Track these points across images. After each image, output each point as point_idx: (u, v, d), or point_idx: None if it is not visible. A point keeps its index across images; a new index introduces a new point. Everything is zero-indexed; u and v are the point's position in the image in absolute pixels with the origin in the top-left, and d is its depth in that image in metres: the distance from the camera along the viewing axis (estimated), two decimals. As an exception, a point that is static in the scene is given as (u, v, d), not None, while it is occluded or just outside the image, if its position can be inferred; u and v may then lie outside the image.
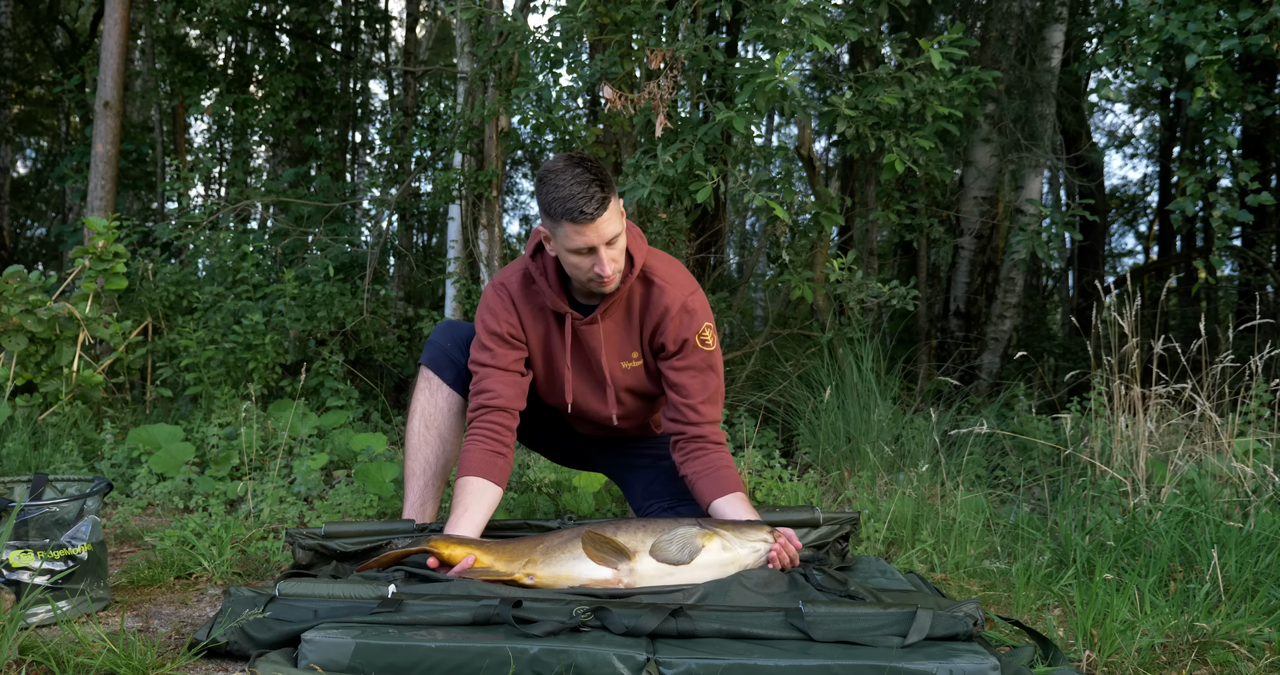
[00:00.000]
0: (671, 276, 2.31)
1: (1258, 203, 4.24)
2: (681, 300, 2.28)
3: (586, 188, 2.06)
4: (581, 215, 2.06)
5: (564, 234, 2.11)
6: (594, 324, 2.30)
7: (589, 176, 2.07)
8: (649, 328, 2.31)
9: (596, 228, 2.08)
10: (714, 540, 2.04)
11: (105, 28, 5.77)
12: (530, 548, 2.05)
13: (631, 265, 2.25)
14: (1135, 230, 17.38)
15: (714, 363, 2.33)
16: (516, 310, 2.33)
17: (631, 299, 2.30)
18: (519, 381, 2.36)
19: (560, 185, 2.07)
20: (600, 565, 2.00)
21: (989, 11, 6.65)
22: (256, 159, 12.07)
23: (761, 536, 2.08)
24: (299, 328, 5.02)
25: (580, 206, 2.05)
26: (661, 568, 2.01)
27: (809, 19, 3.52)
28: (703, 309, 2.31)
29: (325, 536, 2.25)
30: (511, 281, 2.35)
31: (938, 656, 1.63)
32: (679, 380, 2.31)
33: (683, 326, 2.28)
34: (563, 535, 2.06)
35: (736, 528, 2.09)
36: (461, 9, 4.59)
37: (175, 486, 3.27)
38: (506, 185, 16.23)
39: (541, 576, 2.00)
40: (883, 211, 4.82)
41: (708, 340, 2.31)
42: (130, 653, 1.70)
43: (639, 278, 2.30)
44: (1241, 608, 2.12)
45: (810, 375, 4.29)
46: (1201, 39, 3.90)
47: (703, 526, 2.07)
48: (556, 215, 2.08)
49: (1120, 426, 3.03)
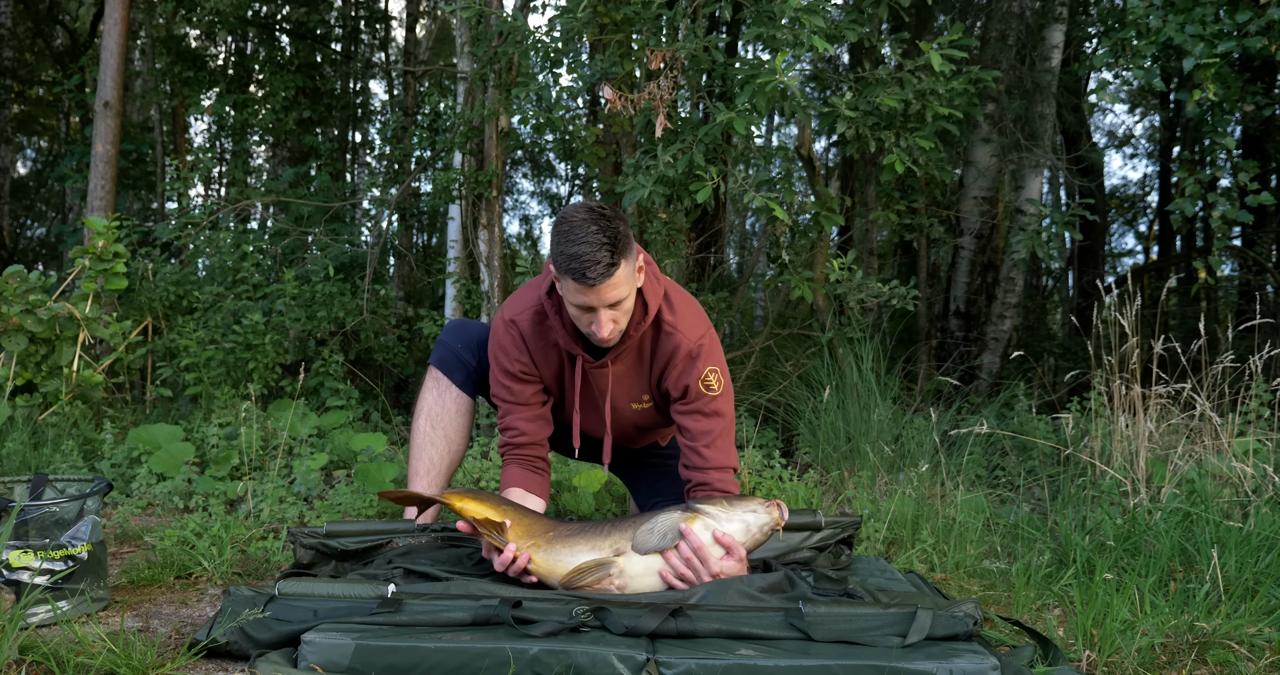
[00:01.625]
0: (681, 322, 2.27)
1: (1257, 203, 4.24)
2: (687, 347, 2.25)
3: (596, 251, 1.99)
4: (583, 278, 2.01)
5: (566, 288, 2.08)
6: (604, 368, 2.28)
7: (602, 239, 2.00)
8: (657, 371, 2.30)
9: (598, 292, 2.04)
10: (697, 521, 1.99)
11: (105, 28, 5.77)
12: (544, 530, 2.04)
13: (645, 313, 2.22)
14: (1135, 230, 17.38)
15: (719, 407, 2.28)
16: (527, 348, 2.31)
17: (643, 343, 2.29)
18: (541, 413, 2.39)
19: (572, 240, 2.01)
20: (594, 583, 1.98)
21: (989, 11, 6.65)
22: (256, 159, 12.07)
23: (750, 507, 2.01)
24: (299, 328, 5.02)
25: (584, 270, 2.00)
26: (649, 560, 1.97)
27: (809, 19, 3.52)
28: (708, 353, 2.27)
29: (327, 535, 2.25)
30: (523, 319, 2.31)
31: (938, 656, 1.63)
32: (684, 424, 2.30)
33: (684, 372, 2.26)
34: (570, 528, 2.04)
35: (724, 503, 2.02)
36: (461, 8, 4.59)
37: (175, 486, 3.27)
38: (506, 185, 16.23)
39: (539, 562, 1.99)
40: (883, 211, 4.82)
41: (712, 385, 2.27)
42: (130, 653, 1.70)
43: (652, 324, 2.27)
44: (1241, 608, 2.12)
45: (810, 375, 4.29)
46: (1199, 41, 3.90)
47: (687, 509, 2.02)
48: (561, 269, 2.04)
49: (1120, 426, 3.03)
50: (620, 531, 2.01)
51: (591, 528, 2.04)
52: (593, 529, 2.03)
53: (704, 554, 1.97)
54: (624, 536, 2.00)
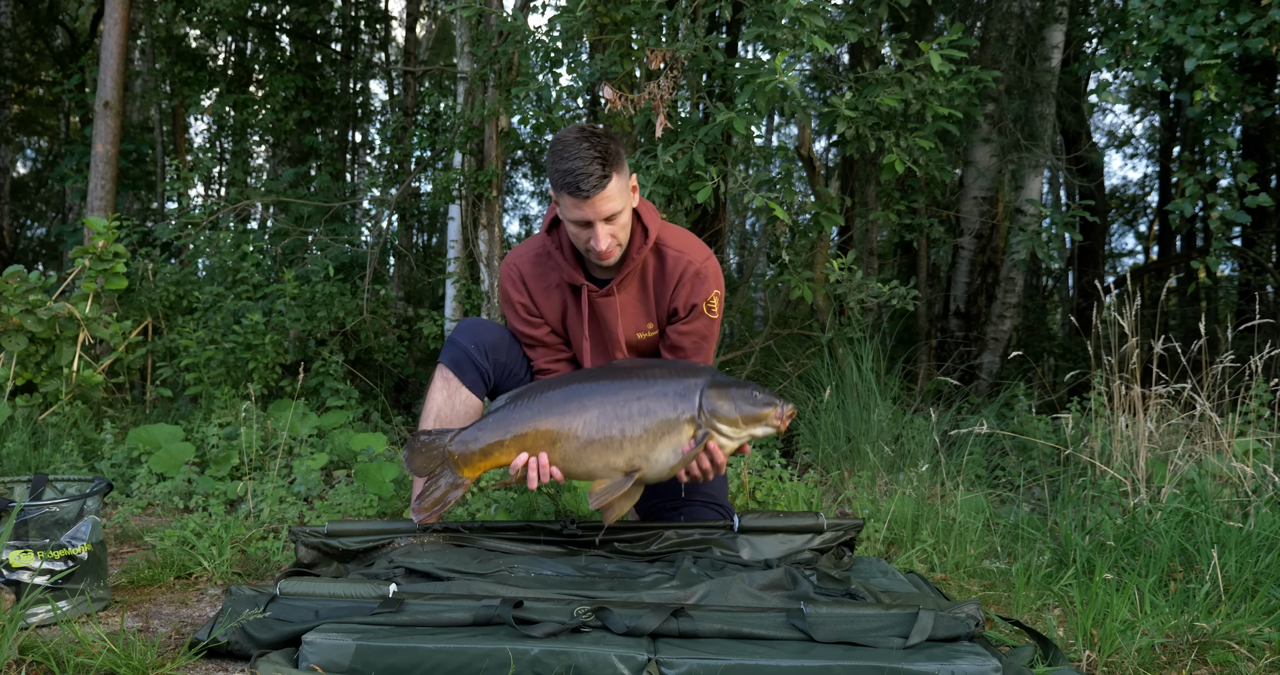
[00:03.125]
0: (684, 245, 2.36)
1: (1255, 204, 4.26)
2: (696, 267, 2.33)
3: (588, 164, 2.10)
4: (578, 191, 2.11)
5: (564, 205, 2.18)
6: (610, 296, 2.35)
7: (594, 153, 2.11)
8: (665, 296, 2.37)
9: (593, 204, 2.14)
10: (711, 442, 2.04)
11: (105, 28, 5.77)
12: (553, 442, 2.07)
13: (646, 238, 2.30)
14: (1135, 230, 17.38)
15: (714, 331, 2.41)
16: (528, 289, 2.40)
17: (646, 270, 2.36)
18: (568, 356, 2.47)
19: (565, 157, 2.12)
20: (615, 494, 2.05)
21: (989, 11, 6.65)
22: (256, 159, 12.08)
23: (761, 426, 2.05)
24: (299, 328, 5.02)
25: (578, 183, 2.10)
26: (664, 466, 2.04)
27: (809, 19, 3.52)
28: (714, 276, 2.36)
29: (328, 535, 2.25)
30: (523, 260, 2.41)
31: (939, 658, 1.63)
32: (679, 343, 2.39)
33: (694, 291, 2.34)
34: (582, 441, 2.06)
35: (738, 421, 2.04)
36: (462, 8, 4.59)
37: (175, 486, 3.27)
38: (506, 185, 16.23)
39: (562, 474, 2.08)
40: (883, 211, 4.82)
41: (714, 307, 2.37)
42: (130, 653, 1.70)
43: (653, 250, 2.35)
44: (1241, 608, 2.12)
45: (810, 375, 4.29)
46: (1200, 42, 3.90)
47: (701, 425, 2.03)
48: (557, 186, 2.15)
49: (1120, 426, 3.03)
50: (634, 446, 2.03)
51: (604, 442, 2.05)
52: (605, 443, 2.05)
53: (718, 461, 2.08)
54: (638, 454, 2.03)
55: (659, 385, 2.05)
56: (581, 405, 2.06)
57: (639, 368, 2.14)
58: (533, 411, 2.09)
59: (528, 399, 2.11)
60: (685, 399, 2.03)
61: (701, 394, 2.03)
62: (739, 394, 2.04)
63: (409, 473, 2.36)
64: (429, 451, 2.15)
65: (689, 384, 2.05)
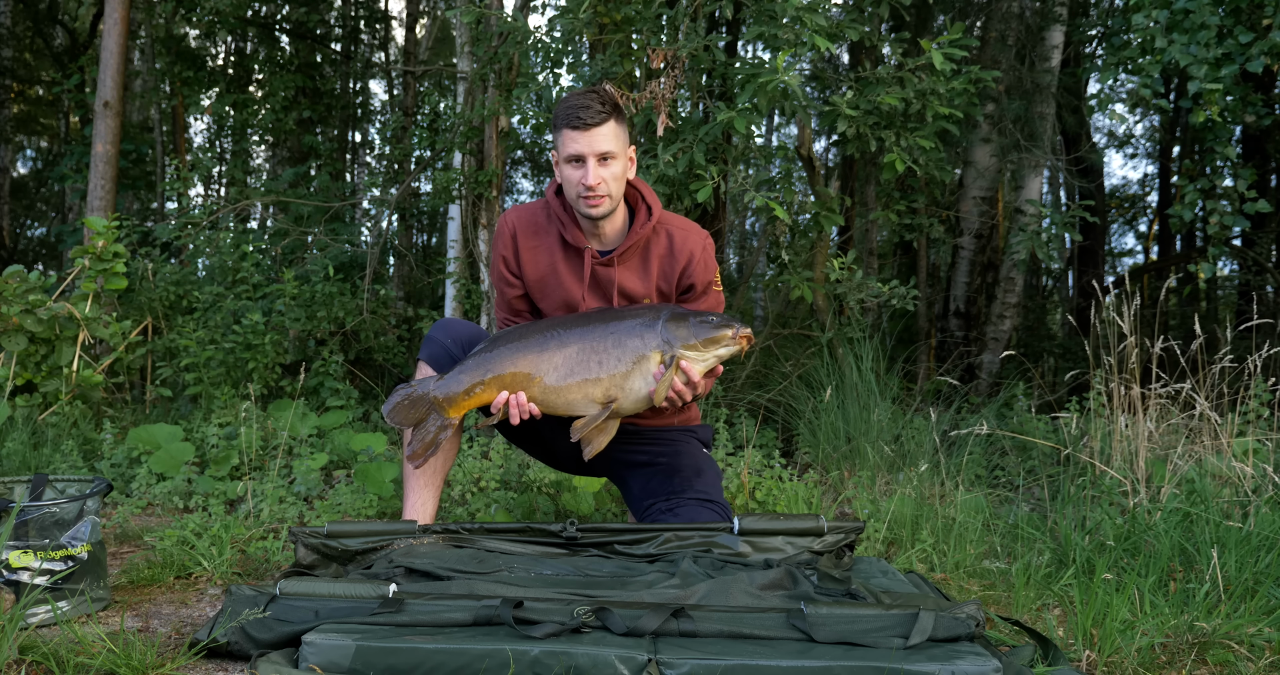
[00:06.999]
0: (688, 225, 2.47)
1: (1254, 210, 4.30)
2: (704, 245, 2.44)
3: (590, 102, 2.24)
4: (578, 121, 2.22)
5: (561, 141, 2.28)
6: (610, 267, 2.40)
7: (598, 97, 2.26)
8: (675, 272, 2.43)
9: (590, 137, 2.24)
10: (677, 366, 2.17)
11: (105, 28, 5.76)
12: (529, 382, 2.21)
13: (650, 216, 2.39)
14: (1135, 230, 17.38)
15: (721, 304, 2.55)
16: (515, 244, 2.46)
17: (650, 247, 2.42)
18: (528, 319, 2.54)
19: (570, 99, 2.27)
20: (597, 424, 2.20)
21: (989, 11, 6.65)
22: (256, 159, 12.07)
23: (723, 346, 2.18)
24: (299, 328, 5.02)
25: (578, 113, 2.22)
26: (640, 396, 2.19)
27: (810, 18, 3.52)
28: (714, 256, 2.52)
29: (328, 535, 2.25)
30: (521, 216, 2.47)
31: (940, 658, 1.63)
32: None
33: (708, 269, 2.46)
34: (560, 379, 2.20)
35: (699, 345, 2.18)
36: (462, 12, 4.59)
37: (175, 486, 3.27)
38: (506, 185, 16.21)
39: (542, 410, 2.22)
40: (883, 211, 4.81)
41: (719, 282, 2.50)
42: (130, 653, 1.70)
43: (659, 229, 2.43)
44: (1241, 608, 2.12)
45: (810, 375, 4.29)
46: (1203, 65, 3.92)
47: (666, 350, 2.18)
48: (559, 123, 2.26)
49: (1120, 426, 3.03)
50: (610, 377, 2.20)
51: (582, 374, 2.20)
52: (583, 376, 2.20)
53: (692, 379, 2.20)
54: (614, 384, 2.20)
55: (627, 322, 2.22)
56: (561, 342, 2.22)
57: (608, 310, 2.30)
58: (512, 351, 2.24)
59: (506, 341, 2.26)
60: (650, 329, 2.21)
61: (662, 324, 2.21)
62: (696, 320, 2.21)
63: (392, 425, 2.51)
64: (414, 401, 2.29)
65: (651, 317, 2.22)
